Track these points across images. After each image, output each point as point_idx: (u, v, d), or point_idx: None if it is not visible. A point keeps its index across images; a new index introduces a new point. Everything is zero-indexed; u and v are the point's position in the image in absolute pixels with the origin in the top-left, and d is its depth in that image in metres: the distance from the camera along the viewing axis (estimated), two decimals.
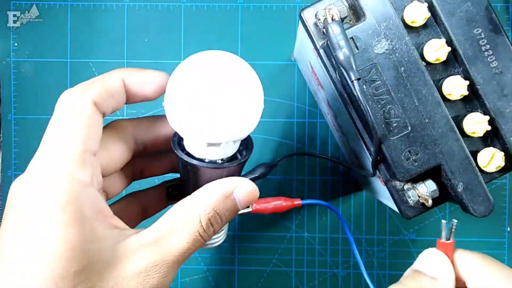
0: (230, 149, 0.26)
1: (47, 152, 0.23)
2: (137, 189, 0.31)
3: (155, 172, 0.31)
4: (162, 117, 0.28)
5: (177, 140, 0.27)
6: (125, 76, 0.25)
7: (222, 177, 0.25)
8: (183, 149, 0.26)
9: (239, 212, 0.27)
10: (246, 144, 0.28)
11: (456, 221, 0.26)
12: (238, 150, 0.27)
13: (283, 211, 0.32)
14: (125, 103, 0.26)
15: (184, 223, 0.23)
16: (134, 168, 0.30)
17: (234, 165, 0.25)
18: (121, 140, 0.27)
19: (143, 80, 0.26)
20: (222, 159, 0.26)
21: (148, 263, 0.22)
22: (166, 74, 0.26)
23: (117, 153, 0.26)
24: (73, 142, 0.23)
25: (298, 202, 0.33)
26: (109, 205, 0.25)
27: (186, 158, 0.25)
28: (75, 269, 0.21)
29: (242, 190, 0.25)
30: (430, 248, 0.26)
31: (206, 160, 0.25)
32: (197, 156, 0.26)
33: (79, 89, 0.24)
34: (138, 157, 0.29)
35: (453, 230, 0.26)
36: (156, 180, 0.33)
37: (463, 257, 0.25)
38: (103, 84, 0.25)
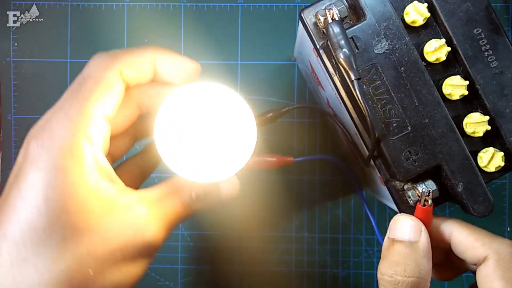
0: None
1: (64, 107, 0.24)
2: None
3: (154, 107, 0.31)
4: (165, 85, 0.28)
5: None
6: (158, 57, 0.26)
7: None
8: None
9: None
10: None
11: (431, 189, 0.27)
12: None
13: (275, 166, 0.32)
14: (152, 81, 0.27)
15: (178, 191, 0.26)
16: (136, 130, 0.31)
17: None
18: (127, 105, 0.28)
19: (173, 67, 0.27)
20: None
21: (146, 216, 0.25)
22: (198, 65, 0.27)
23: (124, 117, 0.28)
24: (88, 104, 0.24)
25: (290, 159, 0.32)
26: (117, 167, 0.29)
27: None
28: (75, 208, 0.22)
29: (227, 184, 0.28)
30: (400, 214, 0.27)
31: None
32: None
33: (110, 56, 0.25)
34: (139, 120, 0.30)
35: (430, 195, 0.26)
36: None
37: (448, 223, 0.27)
38: (134, 59, 0.26)
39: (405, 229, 0.26)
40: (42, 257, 0.22)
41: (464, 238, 0.27)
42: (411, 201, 0.27)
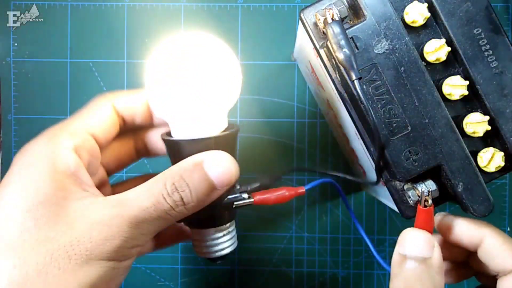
0: (206, 127, 0.26)
1: (53, 127, 0.27)
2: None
3: (160, 150, 0.32)
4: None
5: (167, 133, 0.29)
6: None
7: None
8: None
9: (239, 202, 0.28)
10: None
11: (431, 188, 0.27)
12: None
13: (287, 200, 0.31)
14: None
15: (149, 185, 0.24)
16: (135, 143, 0.32)
17: (209, 138, 0.25)
18: (122, 146, 0.30)
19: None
20: (205, 136, 0.26)
21: (103, 214, 0.23)
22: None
23: (120, 154, 0.30)
24: (72, 122, 0.27)
25: (302, 190, 0.31)
26: (121, 182, 0.31)
27: (166, 137, 0.27)
28: (31, 203, 0.23)
29: (213, 161, 0.24)
30: (409, 229, 0.27)
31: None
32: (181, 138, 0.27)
33: (105, 93, 0.29)
34: (138, 134, 0.32)
35: (429, 195, 0.26)
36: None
37: (483, 226, 0.27)
38: (127, 94, 0.30)
39: (417, 244, 0.25)
40: (10, 256, 0.22)
41: (498, 246, 0.26)
42: (411, 201, 0.27)
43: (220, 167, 0.25)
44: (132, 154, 0.32)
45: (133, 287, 0.41)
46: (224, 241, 0.29)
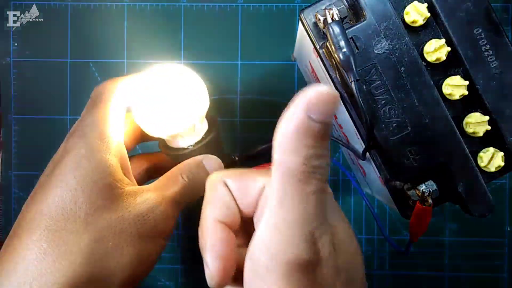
0: (191, 138, 0.32)
1: (87, 115, 0.29)
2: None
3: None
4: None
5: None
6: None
7: None
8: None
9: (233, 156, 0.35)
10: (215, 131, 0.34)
11: (431, 188, 0.27)
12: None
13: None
14: None
15: (172, 178, 0.30)
16: (135, 129, 0.35)
17: (196, 147, 0.32)
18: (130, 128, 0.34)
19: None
20: (191, 145, 0.32)
21: (152, 199, 0.28)
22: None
23: (129, 136, 0.34)
24: (107, 110, 0.29)
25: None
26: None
27: (163, 149, 0.33)
28: (101, 184, 0.26)
29: (208, 159, 0.32)
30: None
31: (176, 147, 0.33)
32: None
33: (111, 80, 0.32)
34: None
35: (430, 195, 0.27)
36: None
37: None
38: (132, 81, 0.32)
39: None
40: (68, 231, 0.25)
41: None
42: (411, 201, 0.27)
43: (214, 164, 0.32)
44: (132, 139, 0.34)
45: None
46: None
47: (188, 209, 0.34)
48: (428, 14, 0.26)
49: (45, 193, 0.26)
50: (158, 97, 0.30)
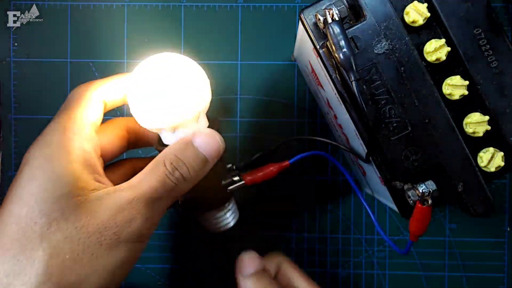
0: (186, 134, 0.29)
1: (55, 118, 0.28)
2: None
3: (149, 142, 0.34)
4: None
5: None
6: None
7: None
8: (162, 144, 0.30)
9: (232, 186, 0.32)
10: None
11: (431, 188, 0.27)
12: None
13: (274, 175, 0.33)
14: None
15: (152, 168, 0.27)
16: (127, 131, 0.33)
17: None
18: (116, 133, 0.32)
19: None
20: None
21: (120, 198, 0.25)
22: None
23: (113, 141, 0.32)
24: (75, 112, 0.28)
25: (286, 163, 0.33)
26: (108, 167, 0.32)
27: (156, 145, 0.30)
28: (56, 195, 0.24)
29: (200, 137, 0.28)
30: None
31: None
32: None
33: (85, 84, 0.30)
34: (129, 124, 0.33)
35: (429, 195, 0.27)
36: None
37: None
38: (106, 83, 0.30)
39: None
40: (23, 249, 0.23)
41: None
42: (411, 201, 0.27)
43: (207, 141, 0.28)
44: (123, 142, 0.33)
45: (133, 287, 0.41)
46: (226, 218, 0.34)
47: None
48: (428, 14, 0.26)
49: (2, 211, 0.25)
50: (157, 85, 0.28)
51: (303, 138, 0.41)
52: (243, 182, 0.33)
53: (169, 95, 0.28)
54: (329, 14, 0.26)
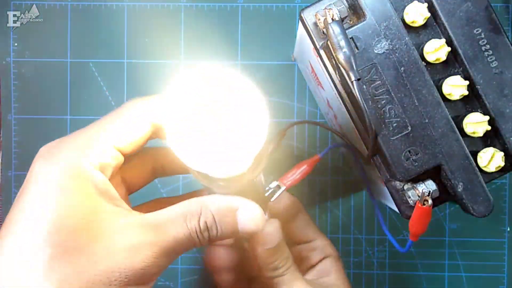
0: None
1: (77, 132, 0.25)
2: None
3: (177, 169, 0.31)
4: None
5: None
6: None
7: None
8: None
9: (275, 196, 0.30)
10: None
11: (431, 188, 0.27)
12: None
13: (309, 172, 0.32)
14: None
15: (185, 216, 0.24)
16: (155, 163, 0.31)
17: (233, 184, 0.25)
18: (141, 167, 0.30)
19: None
20: (226, 178, 0.25)
21: (141, 240, 0.23)
22: None
23: (138, 174, 0.30)
24: (100, 133, 0.25)
25: (316, 157, 0.33)
26: (140, 205, 0.30)
27: (195, 176, 0.25)
28: (72, 226, 0.22)
29: (246, 212, 0.25)
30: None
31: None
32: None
33: (142, 98, 0.27)
34: (157, 153, 0.31)
35: (430, 195, 0.27)
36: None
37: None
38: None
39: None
40: (30, 277, 0.22)
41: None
42: (411, 201, 0.27)
43: (251, 220, 0.25)
44: (149, 174, 0.31)
45: None
46: None
47: None
48: (428, 14, 0.26)
49: (7, 227, 0.23)
50: (210, 120, 0.22)
51: (308, 122, 0.41)
52: (283, 188, 0.31)
53: (228, 137, 0.22)
54: (329, 14, 0.26)
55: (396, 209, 0.29)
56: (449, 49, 0.27)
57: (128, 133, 0.26)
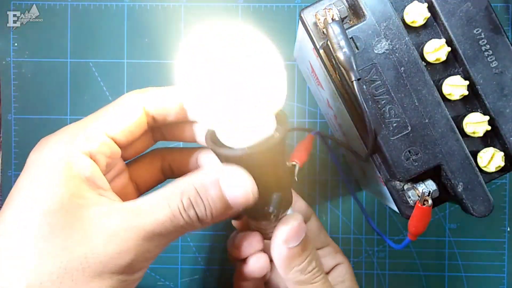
0: (249, 133, 0.23)
1: (72, 124, 0.26)
2: None
3: (184, 169, 0.31)
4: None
5: (211, 135, 0.25)
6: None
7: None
8: (216, 142, 0.25)
9: (296, 171, 0.29)
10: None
11: (431, 188, 0.27)
12: None
13: (311, 148, 0.32)
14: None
15: (166, 197, 0.23)
16: (163, 162, 0.31)
17: (250, 151, 0.23)
18: (151, 163, 0.30)
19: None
20: (244, 146, 0.23)
21: (119, 224, 0.23)
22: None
23: (148, 175, 0.30)
24: (93, 123, 0.25)
25: (310, 136, 0.32)
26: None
27: (211, 146, 0.24)
28: (49, 210, 0.22)
29: (230, 180, 0.23)
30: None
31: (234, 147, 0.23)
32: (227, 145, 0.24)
33: (137, 90, 0.27)
34: (166, 154, 0.31)
35: (430, 195, 0.27)
36: None
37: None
38: (159, 94, 0.27)
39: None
40: (9, 260, 0.22)
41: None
42: (411, 201, 0.27)
43: (237, 187, 0.23)
44: (159, 173, 0.31)
45: None
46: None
47: None
48: (428, 14, 0.26)
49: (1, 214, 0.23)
50: (224, 61, 0.22)
51: (304, 129, 0.41)
52: (298, 166, 0.30)
53: (236, 79, 0.22)
54: (329, 14, 0.26)
55: (396, 209, 0.29)
56: (449, 49, 0.27)
57: (119, 119, 0.26)
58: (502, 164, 0.27)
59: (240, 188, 0.23)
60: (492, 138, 0.28)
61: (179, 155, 0.31)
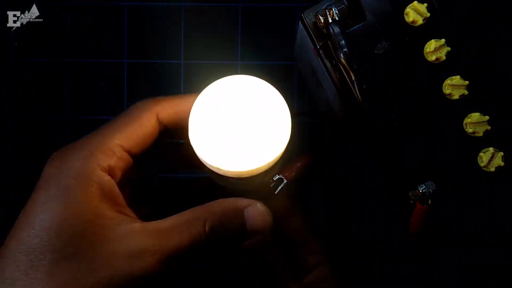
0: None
1: (88, 137, 0.26)
2: None
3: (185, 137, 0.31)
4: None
5: None
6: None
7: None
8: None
9: (278, 189, 0.30)
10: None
11: (431, 189, 0.27)
12: None
13: (310, 163, 0.33)
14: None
15: (189, 222, 0.24)
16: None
17: (249, 182, 0.26)
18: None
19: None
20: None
21: (142, 247, 0.23)
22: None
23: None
24: (110, 137, 0.25)
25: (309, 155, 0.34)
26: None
27: (208, 168, 0.26)
28: (72, 232, 0.22)
29: (252, 210, 0.25)
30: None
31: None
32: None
33: (149, 99, 0.27)
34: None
35: (429, 195, 0.27)
36: None
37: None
38: (173, 102, 0.28)
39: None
40: (32, 279, 0.22)
41: None
42: (411, 201, 0.28)
43: (259, 221, 0.25)
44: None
45: None
46: None
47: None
48: (428, 14, 0.26)
49: (13, 235, 0.23)
50: (231, 120, 0.24)
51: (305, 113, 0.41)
52: (285, 181, 0.31)
53: (246, 138, 0.24)
54: (329, 14, 0.26)
55: (396, 210, 0.29)
56: (449, 49, 0.27)
57: (135, 132, 0.26)
58: (502, 164, 0.27)
59: (261, 221, 0.25)
60: (492, 138, 0.28)
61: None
